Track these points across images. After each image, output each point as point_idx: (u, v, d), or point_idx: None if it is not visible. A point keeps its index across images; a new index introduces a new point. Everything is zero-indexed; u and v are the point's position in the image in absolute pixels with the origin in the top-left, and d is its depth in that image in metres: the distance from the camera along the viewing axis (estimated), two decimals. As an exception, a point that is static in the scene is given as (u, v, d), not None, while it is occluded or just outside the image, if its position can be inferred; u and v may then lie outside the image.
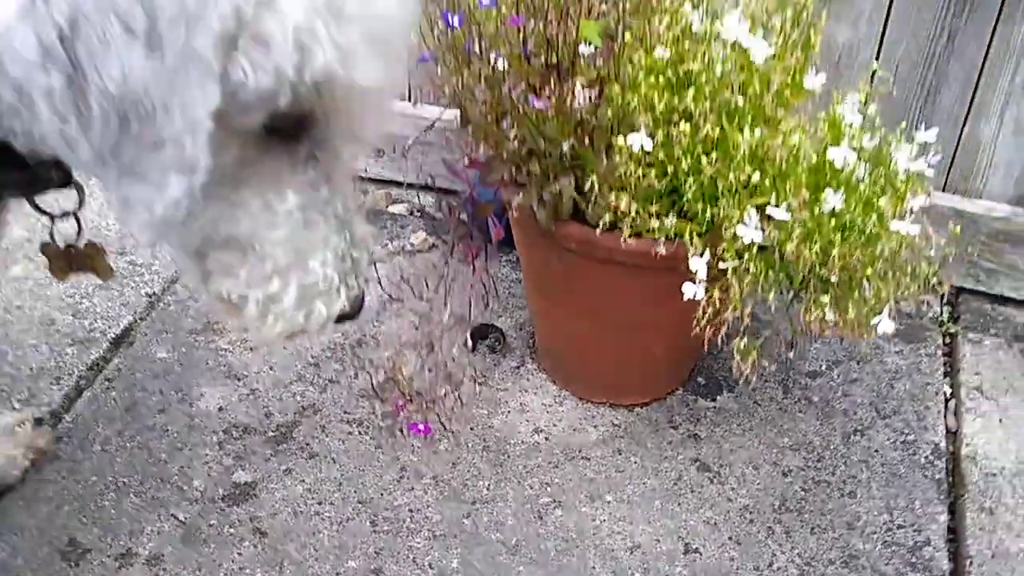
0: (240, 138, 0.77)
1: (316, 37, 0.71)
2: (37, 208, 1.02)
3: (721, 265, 1.20)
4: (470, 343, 1.68)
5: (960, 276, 1.81)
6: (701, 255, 1.18)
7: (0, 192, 0.93)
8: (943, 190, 1.75)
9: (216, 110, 0.71)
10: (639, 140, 1.12)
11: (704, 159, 1.14)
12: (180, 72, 0.69)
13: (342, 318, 0.92)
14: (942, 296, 1.84)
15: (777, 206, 1.15)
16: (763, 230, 1.16)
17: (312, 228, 0.87)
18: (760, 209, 1.16)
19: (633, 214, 1.17)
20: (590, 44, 1.23)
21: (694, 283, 1.21)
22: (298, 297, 0.87)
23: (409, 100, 1.94)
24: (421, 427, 1.44)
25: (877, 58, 1.67)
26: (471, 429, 1.59)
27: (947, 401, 1.68)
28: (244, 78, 0.71)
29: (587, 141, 1.17)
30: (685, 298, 1.22)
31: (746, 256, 1.18)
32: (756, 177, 1.14)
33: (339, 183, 0.88)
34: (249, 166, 0.81)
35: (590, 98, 1.14)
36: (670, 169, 1.18)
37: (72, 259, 1.10)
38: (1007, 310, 1.84)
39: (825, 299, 1.21)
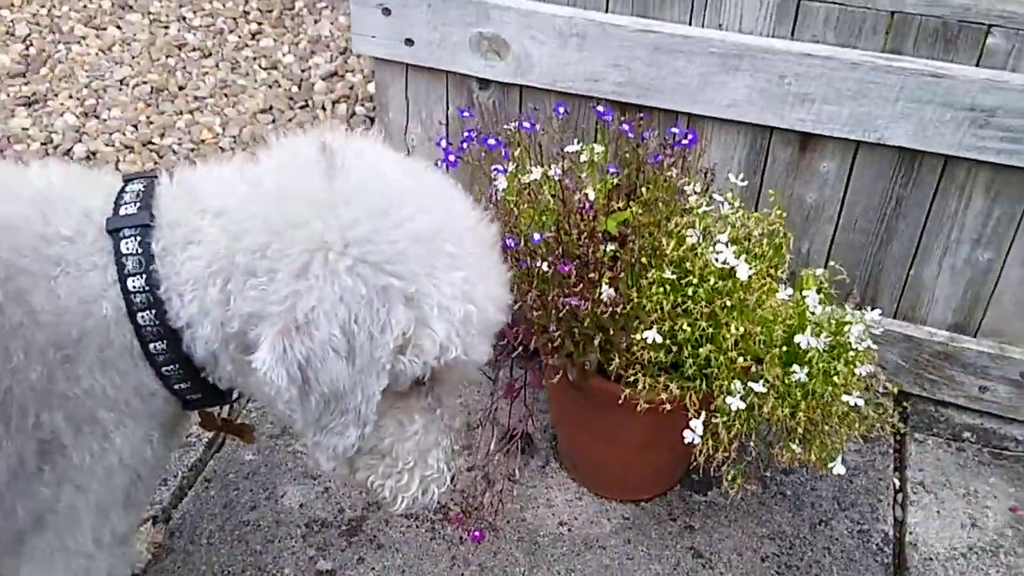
0: (392, 394, 1.13)
1: (452, 343, 1.07)
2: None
3: (714, 420, 1.56)
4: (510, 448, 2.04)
5: (909, 384, 2.18)
6: (699, 415, 1.54)
7: (201, 405, 1.29)
8: (894, 317, 2.12)
9: (383, 388, 1.07)
10: (652, 336, 1.48)
11: (701, 348, 1.50)
12: (365, 372, 1.04)
13: None
14: (895, 401, 2.21)
15: (756, 381, 1.51)
16: (745, 398, 1.52)
17: (429, 436, 1.22)
18: (743, 382, 1.52)
19: (646, 387, 1.53)
20: (611, 242, 1.59)
21: (693, 432, 1.57)
22: (420, 484, 1.23)
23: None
24: (476, 534, 1.79)
25: (839, 215, 2.03)
26: (507, 522, 1.95)
27: (896, 494, 2.05)
28: (404, 369, 1.07)
29: (611, 331, 1.53)
30: (685, 442, 1.58)
31: (733, 415, 1.54)
32: (741, 360, 1.50)
33: (448, 404, 1.23)
34: (392, 405, 1.17)
35: (612, 299, 1.50)
36: (674, 349, 1.54)
37: (225, 426, 1.45)
38: (948, 412, 2.21)
39: (794, 446, 1.58)
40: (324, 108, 3.04)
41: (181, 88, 3.11)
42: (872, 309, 1.63)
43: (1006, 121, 1.80)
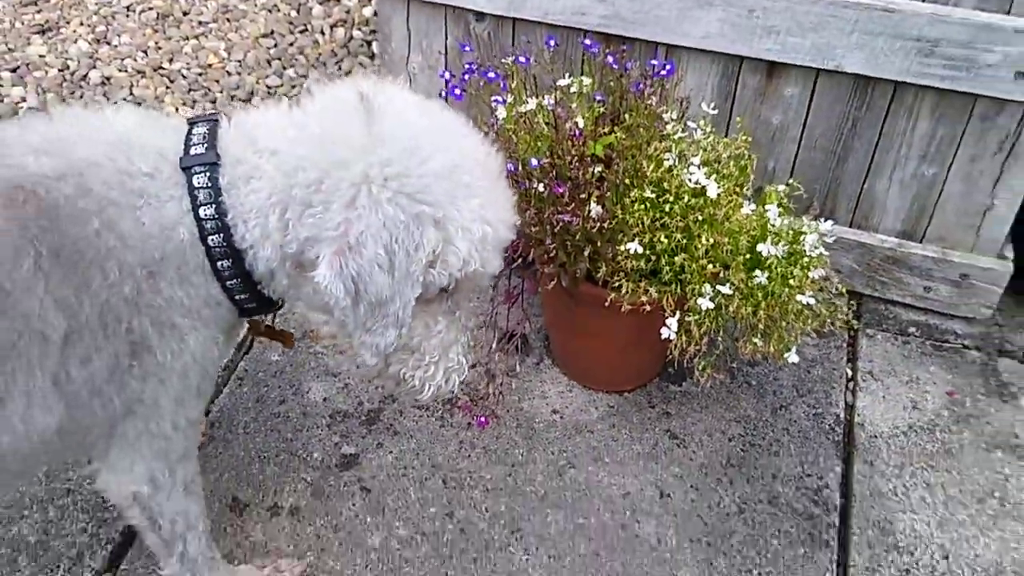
0: (422, 300, 1.37)
1: (472, 258, 1.31)
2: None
3: (687, 319, 1.81)
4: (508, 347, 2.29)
5: (862, 286, 2.44)
6: (674, 315, 1.80)
7: (254, 313, 1.52)
8: (850, 226, 2.37)
9: (416, 296, 1.31)
10: (634, 247, 1.72)
11: (676, 257, 1.74)
12: (403, 283, 1.28)
13: None
14: (848, 301, 2.48)
15: (723, 284, 1.76)
16: (714, 299, 1.77)
17: (450, 334, 1.47)
18: (712, 285, 1.77)
19: (629, 291, 1.78)
20: (598, 164, 1.81)
21: (668, 329, 1.82)
22: (443, 375, 1.48)
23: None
24: (482, 420, 2.06)
25: (802, 134, 2.25)
26: (507, 411, 2.22)
27: (847, 382, 2.33)
28: (433, 280, 1.31)
29: (598, 244, 1.76)
30: (663, 339, 1.83)
31: (703, 314, 1.79)
32: (710, 268, 1.75)
33: (464, 308, 1.48)
34: (421, 310, 1.41)
35: (600, 215, 1.73)
36: (653, 258, 1.78)
37: (269, 331, 1.69)
38: (896, 310, 2.48)
39: (756, 340, 1.84)
40: (323, 32, 3.20)
41: (185, 14, 3.26)
42: (827, 220, 1.87)
43: (948, 51, 2.01)
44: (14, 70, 3.05)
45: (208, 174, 1.32)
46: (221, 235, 1.34)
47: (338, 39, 3.17)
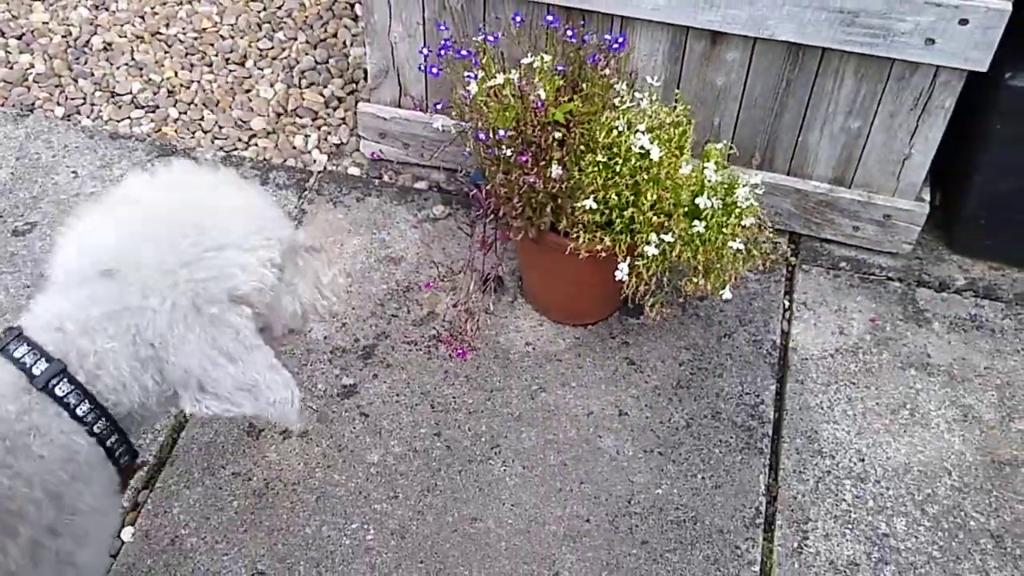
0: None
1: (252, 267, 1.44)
2: None
3: (636, 264, 2.12)
4: (484, 288, 2.60)
5: (799, 227, 2.75)
6: (625, 260, 2.10)
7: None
8: (787, 174, 2.66)
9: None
10: (589, 203, 2.01)
11: (626, 211, 2.04)
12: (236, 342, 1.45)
13: None
14: (788, 239, 2.78)
15: (667, 233, 2.06)
16: (659, 246, 2.07)
17: (307, 277, 1.59)
18: (657, 234, 2.08)
19: (586, 241, 2.08)
20: (558, 129, 2.09)
21: (621, 272, 2.13)
22: (327, 294, 1.64)
23: (425, 111, 2.76)
24: (462, 351, 2.38)
25: (742, 94, 2.53)
26: (485, 344, 2.53)
27: (784, 312, 2.65)
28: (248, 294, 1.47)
29: (559, 200, 2.06)
30: (616, 280, 2.14)
31: (650, 259, 2.10)
32: (655, 219, 2.05)
33: (306, 254, 1.61)
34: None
35: (560, 176, 2.02)
36: (606, 212, 2.08)
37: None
38: (829, 247, 2.79)
39: (696, 279, 2.15)
40: (308, -5, 3.42)
41: (178, -22, 3.47)
42: (762, 171, 2.17)
43: (868, 21, 2.29)
44: (19, 37, 3.27)
45: (66, 381, 1.38)
46: (103, 418, 1.42)
47: (323, 2, 3.39)
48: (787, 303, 2.67)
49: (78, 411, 1.39)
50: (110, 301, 1.39)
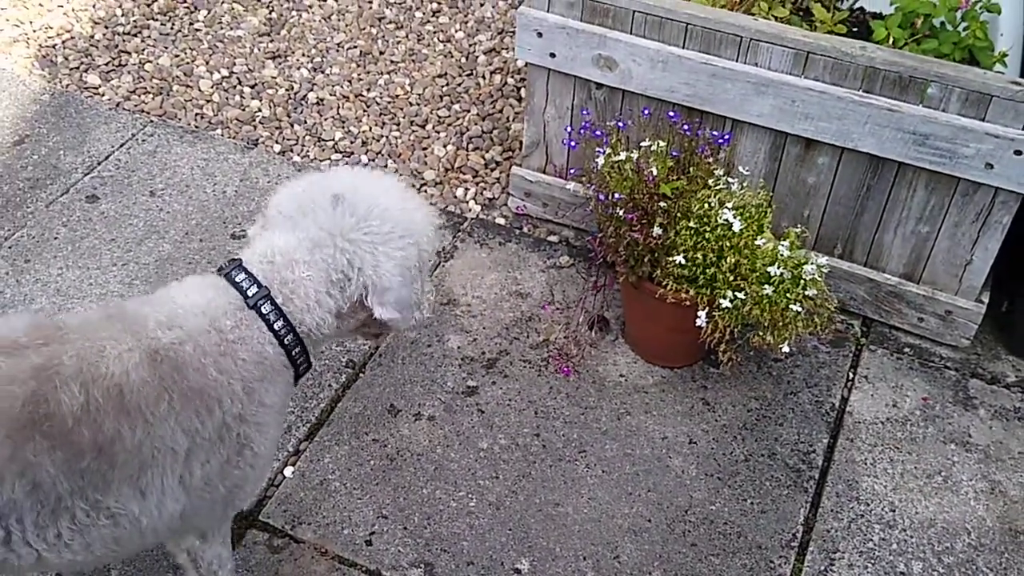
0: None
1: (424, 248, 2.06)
2: None
3: (713, 314, 2.63)
4: (592, 325, 3.14)
5: (872, 313, 3.18)
6: (704, 309, 2.61)
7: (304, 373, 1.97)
8: (864, 265, 3.11)
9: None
10: (679, 259, 2.55)
11: (708, 269, 2.56)
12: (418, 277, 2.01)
13: None
14: (861, 321, 3.21)
15: (740, 291, 2.57)
16: (732, 301, 2.58)
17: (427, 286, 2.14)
18: (733, 291, 2.58)
19: (673, 289, 2.60)
20: (664, 200, 2.65)
21: (700, 319, 2.64)
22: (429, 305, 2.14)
23: (564, 178, 3.36)
24: (566, 369, 2.92)
25: (829, 193, 3.02)
26: (587, 371, 3.06)
27: (847, 382, 3.07)
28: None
29: (656, 255, 2.60)
30: (696, 326, 2.65)
31: (724, 311, 2.60)
32: (732, 279, 2.55)
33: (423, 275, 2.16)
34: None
35: (659, 236, 2.56)
36: (693, 268, 2.61)
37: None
38: (896, 334, 3.20)
39: (762, 333, 2.63)
40: (484, 77, 4.12)
41: (381, 53, 4.24)
42: (834, 259, 2.64)
43: (937, 143, 2.75)
44: (252, 86, 4.09)
45: (269, 302, 1.79)
46: (292, 334, 1.81)
47: (495, 83, 4.08)
48: (851, 375, 3.10)
49: (275, 326, 1.79)
50: (310, 241, 1.80)
